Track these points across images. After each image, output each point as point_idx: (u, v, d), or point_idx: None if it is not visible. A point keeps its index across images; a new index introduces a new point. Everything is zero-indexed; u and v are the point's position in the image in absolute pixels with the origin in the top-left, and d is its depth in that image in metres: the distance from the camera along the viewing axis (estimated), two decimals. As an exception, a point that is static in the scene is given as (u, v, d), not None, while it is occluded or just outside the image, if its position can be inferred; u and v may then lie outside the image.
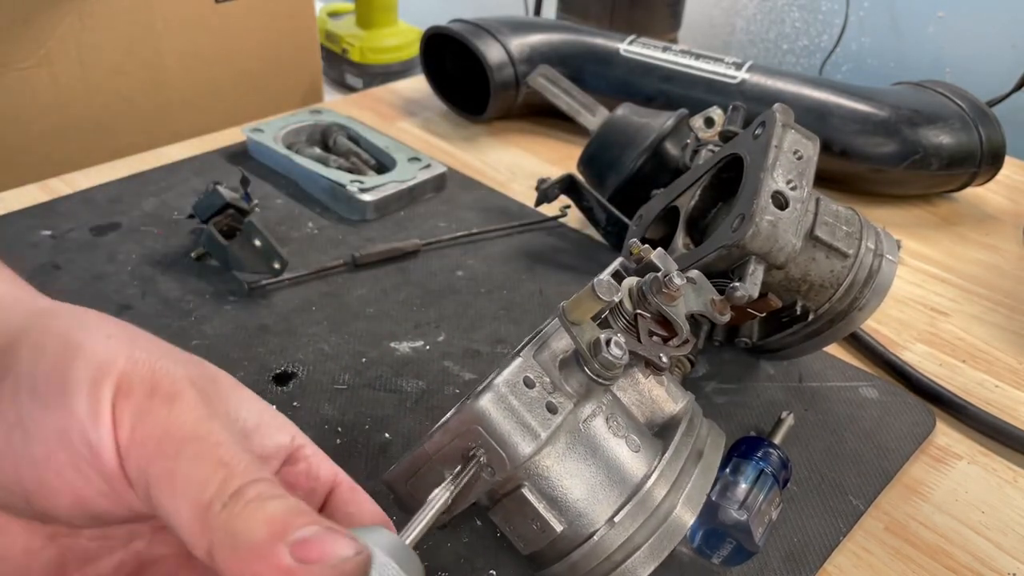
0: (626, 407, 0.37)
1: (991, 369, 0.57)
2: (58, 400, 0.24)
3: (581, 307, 0.33)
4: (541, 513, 0.33)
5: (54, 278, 0.58)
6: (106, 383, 0.24)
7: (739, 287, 0.40)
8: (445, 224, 0.67)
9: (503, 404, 0.32)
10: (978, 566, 0.43)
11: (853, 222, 0.47)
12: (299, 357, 0.52)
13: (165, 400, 0.24)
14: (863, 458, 0.48)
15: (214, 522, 0.22)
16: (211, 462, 0.23)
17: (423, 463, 0.34)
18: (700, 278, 0.40)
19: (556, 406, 0.33)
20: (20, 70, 0.75)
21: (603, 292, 0.32)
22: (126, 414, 0.24)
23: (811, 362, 0.55)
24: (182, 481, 0.23)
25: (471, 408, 0.32)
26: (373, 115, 0.87)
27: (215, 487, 0.22)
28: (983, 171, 0.72)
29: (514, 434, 0.32)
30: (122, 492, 0.24)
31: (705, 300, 0.39)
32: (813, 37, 1.27)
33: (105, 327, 0.26)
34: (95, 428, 0.23)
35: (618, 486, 0.34)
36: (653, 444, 0.36)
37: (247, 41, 0.90)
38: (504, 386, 0.32)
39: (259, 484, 0.23)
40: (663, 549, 0.33)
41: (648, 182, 0.62)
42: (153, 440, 0.23)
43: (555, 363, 0.34)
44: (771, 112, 0.47)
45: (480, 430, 0.32)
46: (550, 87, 0.71)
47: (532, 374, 0.33)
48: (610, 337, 0.33)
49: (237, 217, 0.59)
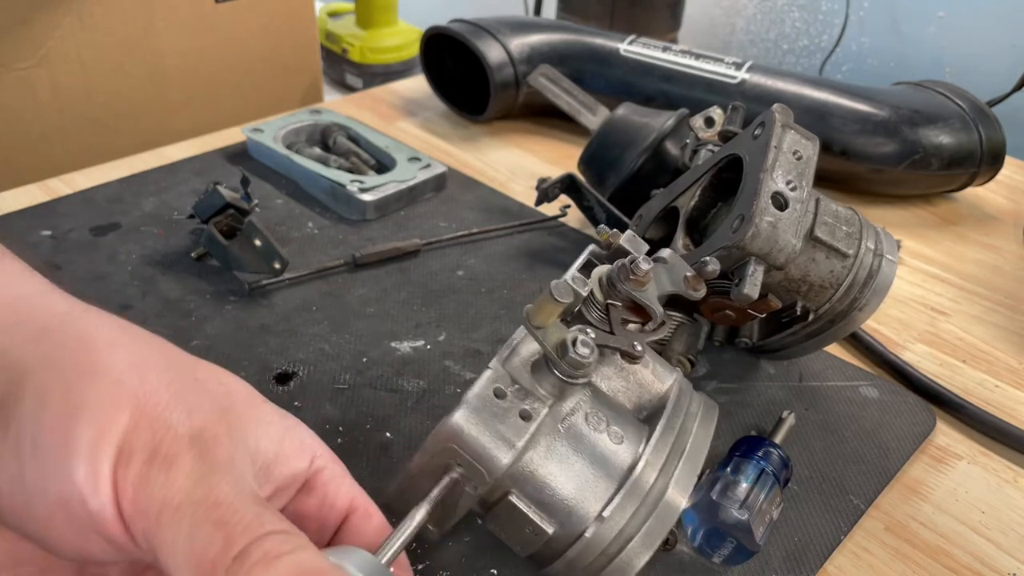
0: (610, 396, 0.37)
1: (991, 369, 0.57)
2: (59, 464, 0.24)
3: (543, 311, 0.33)
4: (531, 517, 0.33)
5: (54, 278, 0.57)
6: (106, 448, 0.24)
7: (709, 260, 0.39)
8: (445, 224, 0.68)
9: (475, 418, 0.32)
10: (978, 566, 0.43)
11: (853, 222, 0.47)
12: (300, 357, 0.52)
13: (163, 466, 0.24)
14: (864, 457, 0.48)
15: None
16: (209, 525, 0.23)
17: (407, 483, 0.34)
18: (672, 256, 0.39)
19: (530, 412, 0.33)
20: (20, 70, 0.75)
21: (561, 295, 0.32)
22: (127, 482, 0.23)
23: (811, 362, 0.55)
24: (183, 550, 0.23)
25: (444, 426, 0.32)
26: (373, 115, 0.87)
27: (216, 551, 0.22)
28: (983, 171, 0.72)
29: (489, 447, 0.32)
30: (127, 550, 0.24)
31: (677, 279, 0.39)
32: (813, 37, 1.27)
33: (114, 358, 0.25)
34: (95, 496, 0.23)
35: (605, 480, 0.34)
36: (639, 431, 0.36)
37: (247, 41, 0.90)
38: (475, 400, 0.33)
39: (265, 541, 0.22)
40: (657, 535, 0.33)
41: (648, 182, 0.62)
42: (152, 510, 0.23)
43: (527, 368, 0.35)
44: (770, 112, 0.47)
45: (455, 448, 0.32)
46: (550, 87, 0.71)
47: (502, 384, 0.34)
48: (576, 336, 0.33)
49: (237, 217, 0.59)
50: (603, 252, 0.41)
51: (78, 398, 0.24)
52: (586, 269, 0.39)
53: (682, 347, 0.49)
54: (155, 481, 0.23)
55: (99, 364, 0.25)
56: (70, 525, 0.24)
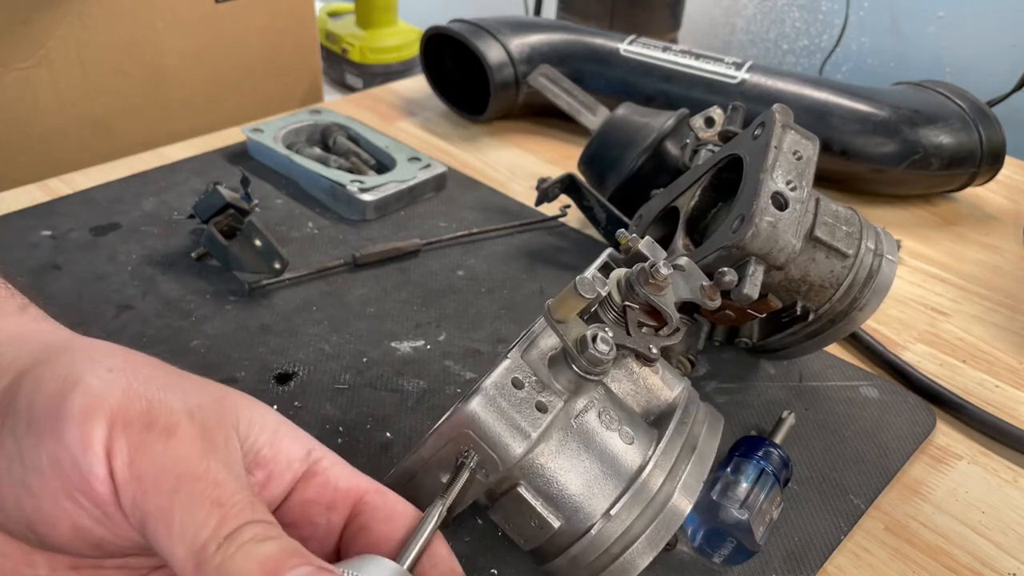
0: (620, 398, 0.37)
1: (991, 369, 0.57)
2: (51, 430, 0.24)
3: (565, 305, 0.33)
4: (538, 510, 0.33)
5: (54, 278, 0.58)
6: (99, 415, 0.24)
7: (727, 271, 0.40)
8: (445, 224, 0.68)
9: (492, 407, 0.32)
10: (978, 566, 0.43)
11: (853, 222, 0.48)
12: (300, 357, 0.52)
13: (162, 434, 0.24)
14: (864, 457, 0.48)
15: (209, 564, 0.22)
16: (207, 503, 0.23)
17: (419, 468, 0.34)
18: (689, 265, 0.40)
19: (546, 405, 0.33)
20: (20, 70, 0.75)
21: (585, 290, 0.32)
22: (123, 446, 0.24)
23: (811, 362, 0.55)
24: (178, 521, 0.23)
25: (461, 412, 0.32)
26: (373, 115, 0.87)
27: (210, 529, 0.23)
28: (983, 171, 0.72)
29: (505, 436, 0.32)
30: (117, 521, 0.25)
31: (694, 287, 0.39)
32: (813, 37, 1.27)
33: (110, 360, 0.26)
34: (84, 456, 0.24)
35: (613, 479, 0.34)
36: (648, 434, 0.36)
37: (247, 41, 0.90)
38: (492, 388, 0.33)
39: (255, 526, 0.23)
40: (661, 538, 0.33)
41: (648, 182, 0.62)
42: (150, 475, 0.24)
43: (544, 361, 0.35)
44: (770, 112, 0.47)
45: (471, 434, 0.32)
46: (551, 86, 0.71)
47: (520, 374, 0.33)
48: (596, 333, 0.33)
49: (237, 217, 0.59)
50: (621, 256, 0.41)
51: (72, 379, 0.25)
52: (603, 271, 0.39)
53: (682, 347, 0.49)
54: (155, 447, 0.24)
55: (95, 358, 0.26)
56: (62, 491, 0.24)
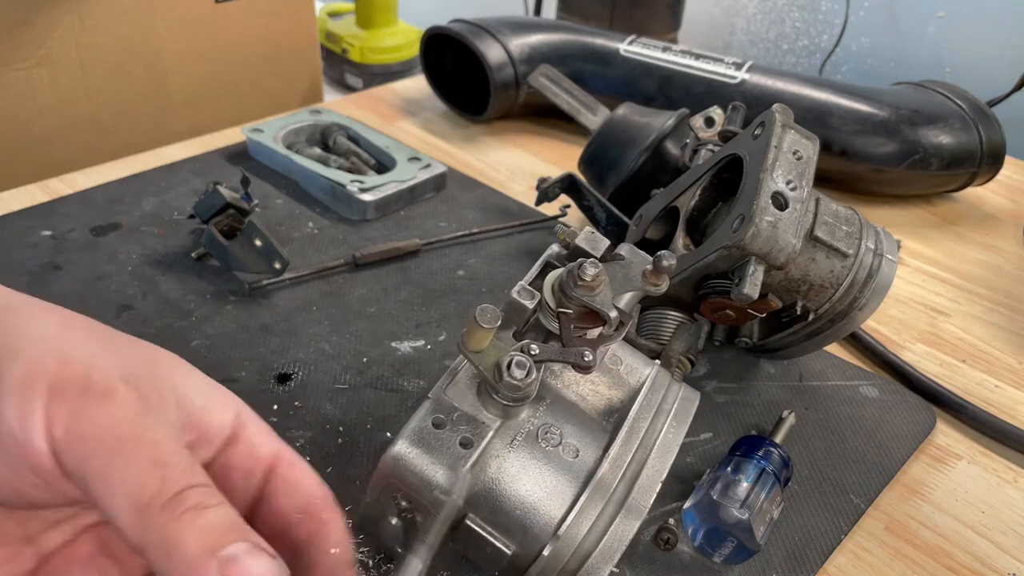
0: (573, 402, 0.37)
1: (991, 369, 0.57)
2: None
3: (474, 337, 0.32)
4: (489, 540, 0.33)
5: (54, 278, 0.58)
6: (37, 385, 0.24)
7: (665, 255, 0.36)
8: (445, 224, 0.68)
9: (412, 453, 0.33)
10: (978, 566, 0.43)
11: (853, 222, 0.48)
12: (300, 357, 0.52)
13: (99, 397, 0.25)
14: (864, 457, 0.48)
15: (151, 522, 0.23)
16: (148, 462, 0.24)
17: (371, 513, 0.35)
18: (630, 252, 0.37)
19: (471, 439, 0.33)
20: (20, 70, 0.75)
21: (485, 321, 0.32)
22: (61, 412, 0.24)
23: (811, 361, 0.55)
24: (120, 479, 0.23)
25: (382, 462, 0.33)
26: (373, 115, 0.87)
27: (153, 488, 0.23)
28: (983, 171, 0.72)
29: (429, 478, 0.32)
30: (57, 485, 0.25)
31: (635, 275, 0.36)
32: (813, 37, 1.27)
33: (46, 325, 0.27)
34: (23, 429, 0.24)
35: (558, 497, 0.33)
36: (599, 441, 0.35)
37: (247, 41, 0.90)
38: (411, 434, 0.33)
39: (197, 491, 0.23)
40: (615, 551, 0.33)
41: (648, 182, 0.62)
42: (90, 437, 0.24)
43: (472, 390, 0.34)
44: (770, 112, 0.47)
45: (396, 482, 0.33)
46: (551, 86, 0.71)
47: (442, 414, 0.34)
48: (512, 358, 0.32)
49: (237, 217, 0.59)
50: (563, 253, 0.40)
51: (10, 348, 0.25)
52: (544, 273, 0.38)
53: (682, 347, 0.49)
54: (93, 410, 0.24)
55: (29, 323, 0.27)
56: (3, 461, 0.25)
